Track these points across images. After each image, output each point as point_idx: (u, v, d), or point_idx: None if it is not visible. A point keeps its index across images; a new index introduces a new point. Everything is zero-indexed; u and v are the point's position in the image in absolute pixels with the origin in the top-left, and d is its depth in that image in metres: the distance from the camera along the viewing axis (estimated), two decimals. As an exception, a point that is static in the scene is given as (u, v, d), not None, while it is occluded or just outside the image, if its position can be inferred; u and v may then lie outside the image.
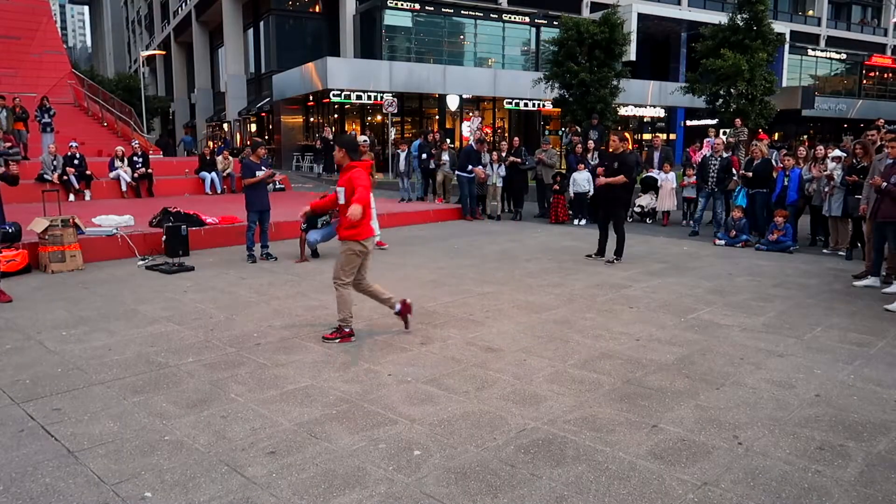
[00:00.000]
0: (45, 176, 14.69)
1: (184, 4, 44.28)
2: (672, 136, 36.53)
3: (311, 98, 29.85)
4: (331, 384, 4.42)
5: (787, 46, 30.56)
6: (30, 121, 17.27)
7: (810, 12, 44.46)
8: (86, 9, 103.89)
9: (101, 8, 78.60)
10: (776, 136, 24.39)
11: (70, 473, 3.24)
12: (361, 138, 5.67)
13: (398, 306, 5.57)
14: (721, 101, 21.58)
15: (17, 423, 3.82)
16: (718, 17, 24.88)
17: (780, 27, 26.37)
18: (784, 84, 33.10)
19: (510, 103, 31.50)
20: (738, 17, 21.37)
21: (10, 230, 8.54)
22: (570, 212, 13.51)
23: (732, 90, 20.99)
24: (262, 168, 8.86)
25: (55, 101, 18.86)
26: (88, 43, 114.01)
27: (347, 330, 5.37)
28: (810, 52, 42.33)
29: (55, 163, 14.99)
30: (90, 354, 5.05)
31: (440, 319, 6.04)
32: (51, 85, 23.73)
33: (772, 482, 3.15)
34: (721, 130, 19.31)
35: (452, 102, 29.22)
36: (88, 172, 15.45)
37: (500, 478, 3.19)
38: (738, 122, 17.95)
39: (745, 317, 6.14)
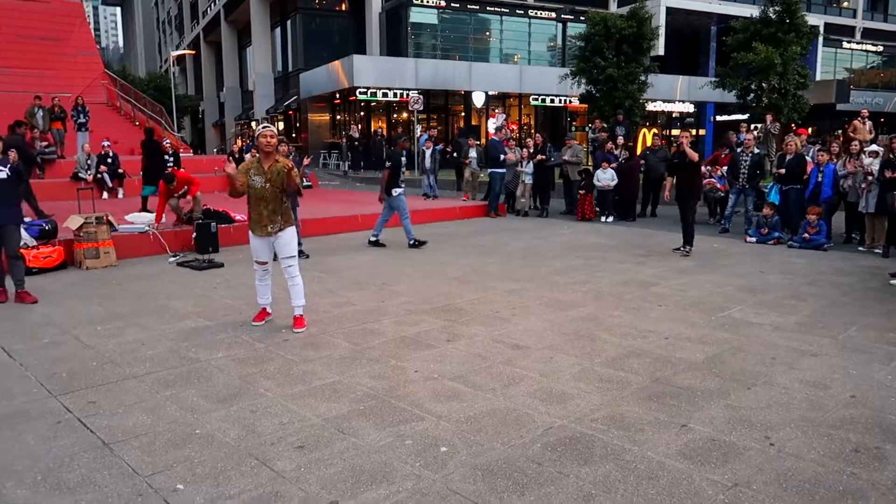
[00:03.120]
0: (80, 174, 15.00)
1: (213, 4, 44.85)
2: (701, 132, 36.03)
3: (337, 96, 30.05)
4: (358, 380, 4.45)
5: (820, 39, 29.90)
6: (66, 120, 17.62)
7: (845, 4, 43.45)
8: (118, 10, 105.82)
9: (133, 9, 79.98)
10: (810, 130, 23.92)
11: (105, 465, 3.31)
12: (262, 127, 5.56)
13: None
14: (752, 95, 21.22)
15: (54, 415, 3.92)
16: (750, 10, 24.45)
17: (814, 19, 25.85)
18: (818, 78, 32.45)
19: (536, 99, 31.37)
20: (771, 9, 20.99)
21: (46, 227, 8.74)
22: (597, 209, 13.41)
23: (764, 84, 20.63)
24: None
25: (89, 101, 19.21)
26: (121, 43, 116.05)
27: None
28: (845, 45, 41.40)
29: (89, 161, 15.30)
30: (124, 349, 5.15)
31: (466, 316, 6.04)
32: (85, 85, 24.18)
33: (805, 484, 3.09)
34: (752, 126, 18.99)
35: (478, 99, 29.17)
36: (121, 171, 15.74)
37: (526, 475, 3.18)
38: (768, 117, 17.64)
39: (777, 315, 6.04)
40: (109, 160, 15.51)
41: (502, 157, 13.53)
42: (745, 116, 21.84)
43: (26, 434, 3.66)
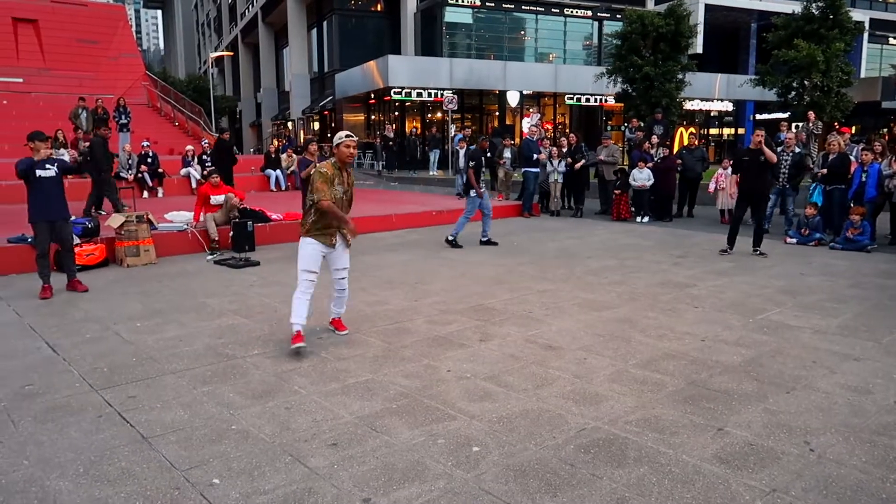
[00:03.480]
0: (122, 174, 15.36)
1: (251, 6, 45.52)
2: (741, 131, 35.37)
3: (372, 96, 30.23)
4: (391, 379, 4.47)
5: (866, 35, 29.11)
6: (109, 121, 18.06)
7: (892, -1, 42.21)
8: (159, 13, 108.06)
9: (173, 11, 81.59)
10: (854, 129, 23.28)
11: (144, 458, 3.38)
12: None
13: None
14: (794, 93, 20.75)
15: (95, 408, 4.02)
16: (791, 6, 23.94)
17: (859, 15, 25.15)
18: (862, 75, 31.63)
19: (571, 98, 31.13)
20: (813, 5, 20.50)
21: (89, 225, 8.98)
22: (633, 209, 13.25)
23: (806, 82, 20.16)
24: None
25: (130, 102, 19.69)
26: (161, 45, 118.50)
27: None
28: (892, 41, 40.18)
29: (130, 161, 15.66)
30: (162, 345, 5.26)
31: (499, 316, 6.03)
32: (127, 87, 24.79)
33: (846, 491, 3.01)
34: (794, 124, 18.57)
35: (512, 98, 29.08)
36: (161, 170, 16.08)
37: (559, 477, 3.16)
38: (810, 115, 17.25)
39: (818, 318, 5.89)
40: (149, 160, 15.86)
41: (535, 156, 13.47)
42: (786, 115, 21.38)
43: (69, 427, 3.76)
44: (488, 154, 11.04)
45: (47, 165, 6.79)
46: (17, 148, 17.43)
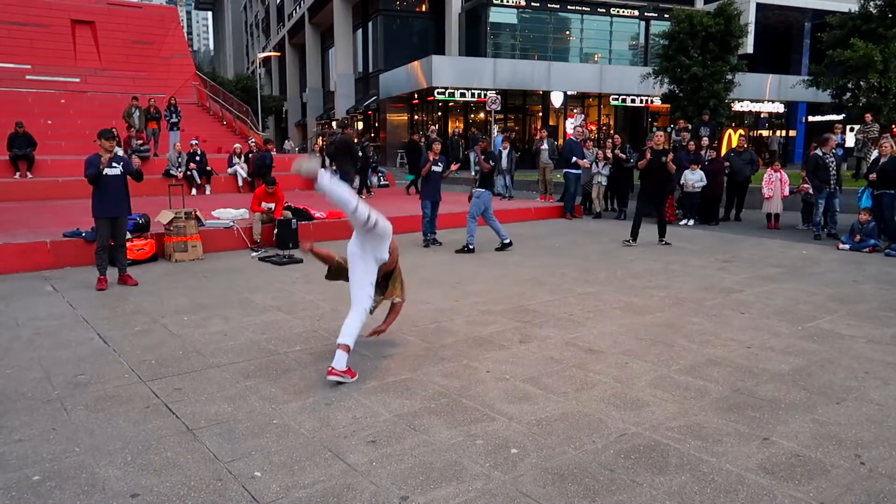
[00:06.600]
0: (171, 171, 15.76)
1: (298, 7, 46.23)
2: (792, 133, 34.43)
3: (415, 96, 30.38)
4: (430, 378, 4.48)
5: (927, 34, 27.97)
6: (160, 119, 18.56)
7: (956, -4, 40.49)
8: (209, 14, 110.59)
9: (223, 13, 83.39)
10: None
11: (188, 449, 3.46)
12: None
13: None
14: (849, 94, 20.09)
15: (143, 399, 4.13)
16: (848, 5, 23.19)
17: (920, 13, 24.17)
18: (923, 75, 30.33)
19: (616, 99, 30.76)
20: (871, 3, 19.81)
21: (140, 221, 9.23)
22: (679, 211, 13.01)
23: (862, 83, 19.50)
24: (439, 163, 9.91)
25: (180, 101, 20.15)
26: (211, 46, 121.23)
27: None
28: (955, 41, 38.55)
29: (180, 159, 16.05)
30: (208, 339, 5.38)
31: (539, 318, 5.99)
32: (177, 86, 25.37)
33: (899, 507, 2.90)
34: (848, 127, 17.98)
35: (556, 99, 28.88)
36: (209, 168, 16.44)
37: (598, 482, 3.13)
38: (868, 117, 16.68)
39: (871, 327, 5.69)
40: (198, 158, 16.23)
41: (574, 159, 13.31)
42: (841, 117, 20.74)
43: (118, 417, 3.87)
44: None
45: (113, 164, 6.99)
46: (73, 144, 18.09)
